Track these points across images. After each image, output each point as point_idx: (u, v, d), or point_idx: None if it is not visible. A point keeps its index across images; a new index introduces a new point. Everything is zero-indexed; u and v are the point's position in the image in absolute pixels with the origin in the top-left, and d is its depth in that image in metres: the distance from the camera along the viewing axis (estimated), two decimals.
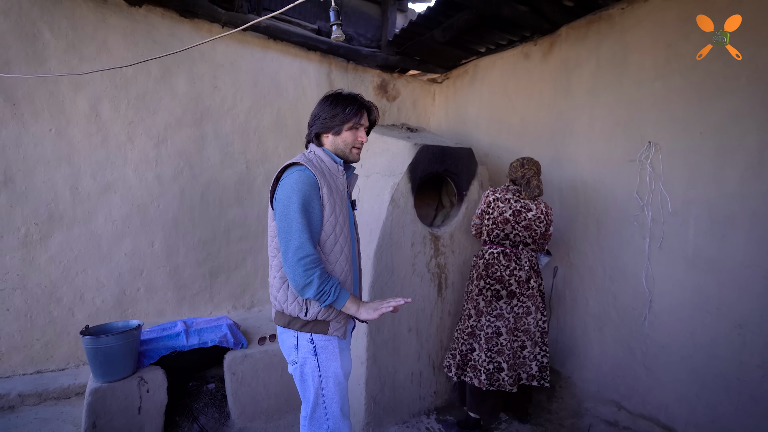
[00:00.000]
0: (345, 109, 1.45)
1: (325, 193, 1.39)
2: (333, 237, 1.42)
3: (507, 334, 2.30)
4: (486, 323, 2.32)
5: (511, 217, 2.33)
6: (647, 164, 2.34)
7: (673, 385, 2.25)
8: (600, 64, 2.61)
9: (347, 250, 1.46)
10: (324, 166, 1.46)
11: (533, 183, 2.34)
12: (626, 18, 2.45)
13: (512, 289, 2.31)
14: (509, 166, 2.48)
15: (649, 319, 2.37)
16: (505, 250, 2.36)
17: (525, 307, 2.34)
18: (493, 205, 2.37)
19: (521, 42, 3.16)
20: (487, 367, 2.28)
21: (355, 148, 1.51)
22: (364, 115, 1.50)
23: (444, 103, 4.04)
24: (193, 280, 3.02)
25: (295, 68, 3.34)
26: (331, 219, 1.41)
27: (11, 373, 2.55)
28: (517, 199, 2.36)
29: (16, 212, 2.47)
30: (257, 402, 2.37)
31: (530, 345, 2.35)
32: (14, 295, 2.51)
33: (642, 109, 2.39)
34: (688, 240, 2.18)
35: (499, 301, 2.33)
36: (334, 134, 1.48)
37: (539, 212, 2.35)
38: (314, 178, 1.37)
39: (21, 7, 2.41)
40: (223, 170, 3.08)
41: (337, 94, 1.50)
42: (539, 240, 2.39)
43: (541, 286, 2.42)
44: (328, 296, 1.34)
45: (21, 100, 2.44)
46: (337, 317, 1.46)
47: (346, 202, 1.49)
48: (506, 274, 2.32)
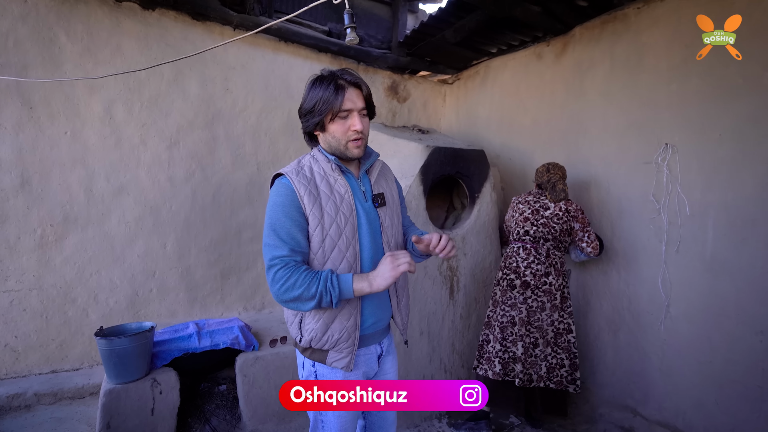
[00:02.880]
0: (320, 96, 1.17)
1: (306, 203, 1.17)
2: (321, 253, 1.19)
3: (520, 325, 2.33)
4: (501, 312, 2.40)
5: (530, 216, 2.45)
6: (664, 166, 2.30)
7: (690, 391, 2.21)
8: (614, 65, 2.58)
9: (345, 267, 1.20)
10: (318, 168, 1.25)
11: (558, 187, 2.42)
12: (642, 18, 2.41)
13: (526, 279, 2.37)
14: (535, 172, 2.57)
15: (665, 323, 2.33)
16: (525, 245, 2.44)
17: (540, 302, 2.36)
18: (515, 208, 2.56)
19: (533, 43, 3.13)
20: (502, 356, 2.33)
21: (351, 142, 1.21)
22: (349, 96, 1.18)
23: (455, 104, 4.02)
24: (204, 281, 3.04)
25: (305, 70, 3.35)
26: (317, 232, 1.18)
27: (28, 372, 2.58)
28: (536, 200, 2.48)
29: (32, 214, 2.50)
30: (269, 404, 2.37)
31: (542, 344, 2.33)
32: (31, 296, 2.54)
33: (658, 110, 2.35)
34: (706, 244, 2.14)
35: (513, 291, 2.39)
36: (321, 131, 1.24)
37: (557, 209, 2.41)
38: (291, 187, 1.17)
39: (38, 12, 2.45)
40: (234, 172, 3.10)
41: (314, 78, 1.22)
42: (560, 237, 2.40)
43: (563, 286, 2.40)
44: (326, 295, 1.12)
45: (38, 103, 2.47)
46: (336, 346, 1.22)
47: (352, 207, 1.23)
48: (523, 266, 2.40)
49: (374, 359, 1.34)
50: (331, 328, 1.22)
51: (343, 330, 1.22)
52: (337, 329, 1.22)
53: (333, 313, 1.21)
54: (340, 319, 1.22)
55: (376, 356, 1.35)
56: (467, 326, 2.72)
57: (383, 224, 1.30)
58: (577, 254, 2.52)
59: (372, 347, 1.33)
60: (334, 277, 1.14)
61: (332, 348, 1.23)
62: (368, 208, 1.29)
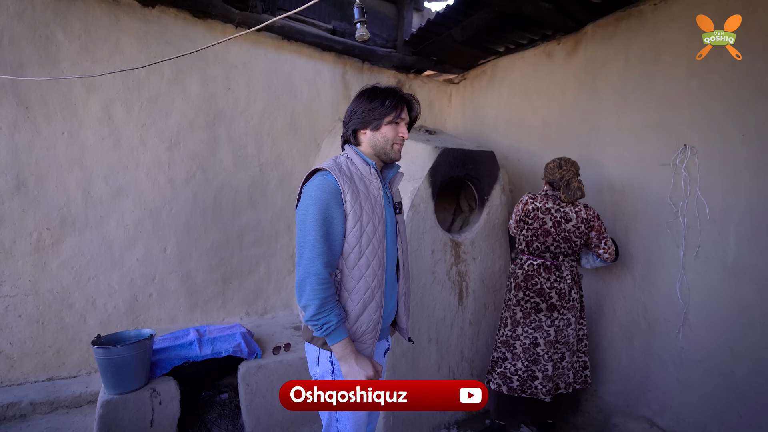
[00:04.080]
0: (384, 102, 1.33)
1: (348, 200, 1.26)
2: (357, 249, 1.28)
3: (546, 345, 2.22)
4: (523, 333, 2.25)
5: (552, 229, 2.21)
6: (682, 168, 2.22)
7: (711, 402, 2.12)
8: (629, 64, 2.49)
9: (377, 264, 1.30)
10: (355, 169, 1.34)
11: (573, 184, 2.19)
12: (659, 14, 2.33)
13: (552, 302, 2.22)
14: (545, 168, 2.33)
15: (683, 331, 2.24)
16: (546, 262, 2.25)
17: (565, 320, 2.24)
18: (532, 215, 2.24)
19: (543, 41, 3.05)
20: (522, 375, 2.23)
21: (396, 144, 1.37)
22: (405, 110, 1.37)
23: (461, 105, 3.94)
24: (205, 286, 2.96)
25: (309, 69, 3.27)
26: (355, 229, 1.27)
27: (23, 380, 2.51)
28: (557, 208, 2.23)
29: (28, 217, 2.42)
30: (272, 414, 2.29)
31: (569, 355, 2.26)
32: (26, 301, 2.46)
33: (676, 110, 2.26)
34: (728, 249, 2.05)
35: (539, 314, 2.23)
36: (373, 129, 1.35)
37: (579, 221, 2.20)
38: (335, 184, 1.25)
39: (34, 9, 2.37)
40: (236, 173, 3.02)
41: (374, 88, 1.38)
42: (579, 250, 2.27)
43: (582, 296, 2.33)
44: (319, 330, 1.23)
45: (34, 103, 2.40)
46: (362, 336, 1.31)
47: (383, 208, 1.35)
48: (546, 287, 2.22)
49: (382, 354, 1.44)
50: (361, 319, 1.29)
51: (369, 322, 1.30)
52: (365, 321, 1.29)
53: (364, 305, 1.29)
54: (369, 312, 1.30)
55: (383, 351, 1.45)
56: (476, 333, 2.64)
57: (399, 229, 1.45)
58: (589, 260, 2.40)
59: (383, 341, 1.44)
60: (334, 329, 1.23)
61: (358, 339, 1.30)
62: (391, 213, 1.42)
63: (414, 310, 2.32)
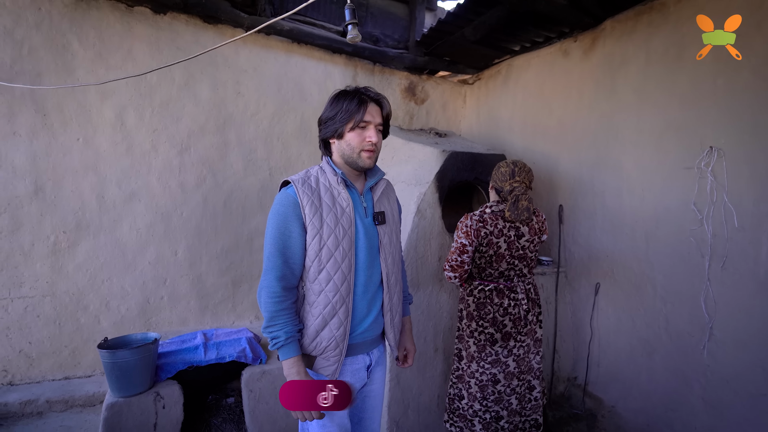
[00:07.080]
0: (343, 105, 1.25)
1: (306, 213, 1.21)
2: (317, 263, 1.22)
3: (506, 379, 1.99)
4: (479, 370, 1.99)
5: (506, 252, 1.93)
6: (708, 172, 2.06)
7: (741, 426, 1.96)
8: (650, 60, 2.35)
9: (339, 278, 1.23)
10: (325, 180, 1.29)
11: (522, 203, 1.88)
12: (683, 8, 2.18)
13: (507, 330, 1.97)
14: (495, 170, 2.02)
15: (708, 347, 2.09)
16: (498, 285, 1.99)
17: (525, 346, 2.02)
18: (486, 241, 1.91)
19: (559, 39, 2.92)
20: (483, 416, 1.99)
21: (364, 152, 1.26)
22: (369, 110, 1.26)
23: (475, 106, 3.84)
24: (215, 289, 2.99)
25: (319, 72, 3.26)
26: (314, 242, 1.22)
27: (41, 378, 2.59)
28: (509, 226, 1.93)
29: (45, 221, 2.51)
30: (275, 420, 2.28)
31: (537, 383, 2.08)
32: (44, 302, 2.55)
33: (700, 110, 2.11)
34: (759, 260, 1.89)
35: (494, 346, 1.97)
36: (338, 138, 1.28)
37: (532, 233, 1.97)
38: (294, 197, 1.22)
39: (52, 19, 2.45)
40: (246, 177, 3.04)
41: (337, 93, 1.30)
42: (534, 265, 2.07)
43: (540, 315, 2.08)
44: (270, 342, 1.21)
45: (51, 110, 2.48)
46: (323, 353, 1.25)
47: (352, 220, 1.27)
48: (499, 315, 1.96)
49: (363, 370, 1.35)
50: (321, 335, 1.24)
51: (331, 338, 1.24)
52: (325, 337, 1.24)
53: (324, 321, 1.24)
54: (330, 328, 1.24)
55: (364, 367, 1.36)
56: None
57: (381, 241, 1.34)
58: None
59: (360, 357, 1.34)
60: (284, 344, 1.20)
61: (320, 355, 1.25)
62: (368, 224, 1.33)
63: (419, 319, 2.26)
